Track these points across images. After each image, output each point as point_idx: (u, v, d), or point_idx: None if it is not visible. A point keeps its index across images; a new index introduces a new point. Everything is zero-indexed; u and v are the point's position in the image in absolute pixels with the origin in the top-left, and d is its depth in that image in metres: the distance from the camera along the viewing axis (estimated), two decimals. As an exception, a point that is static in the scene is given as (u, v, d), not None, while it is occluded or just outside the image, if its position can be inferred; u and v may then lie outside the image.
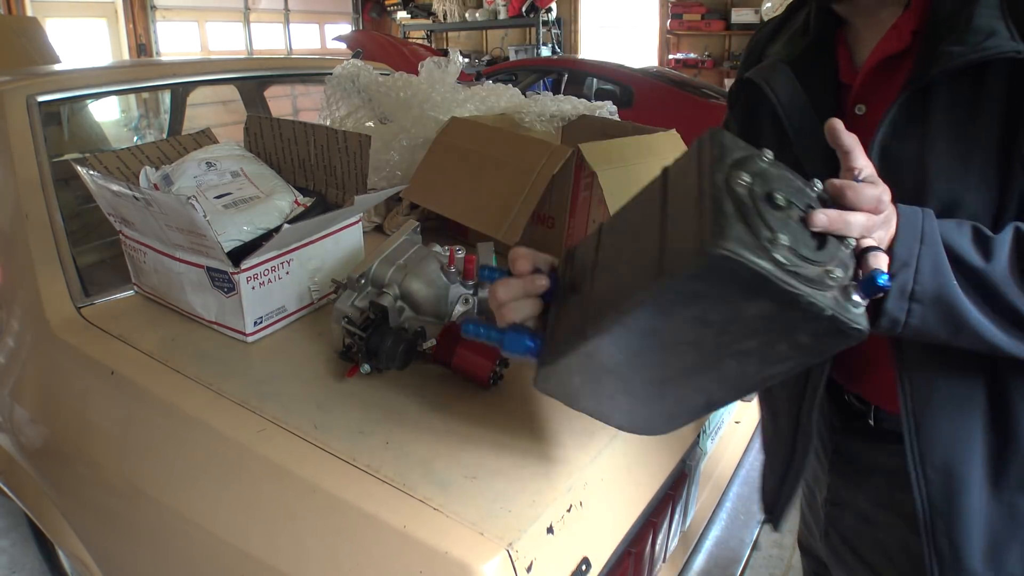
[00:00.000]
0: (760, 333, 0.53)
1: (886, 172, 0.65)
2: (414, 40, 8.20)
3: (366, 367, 0.90)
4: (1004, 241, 0.62)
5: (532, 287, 0.68)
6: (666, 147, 1.42)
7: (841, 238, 0.55)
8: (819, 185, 0.57)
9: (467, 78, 4.41)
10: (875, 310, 0.62)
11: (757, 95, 0.82)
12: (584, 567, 0.76)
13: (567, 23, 8.85)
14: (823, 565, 0.99)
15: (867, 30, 0.76)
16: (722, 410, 1.20)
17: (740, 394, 0.63)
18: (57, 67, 1.92)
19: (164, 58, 6.88)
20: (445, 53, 2.07)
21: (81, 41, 6.83)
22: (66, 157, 1.61)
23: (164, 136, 2.39)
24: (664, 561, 1.02)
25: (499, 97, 1.80)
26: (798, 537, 1.12)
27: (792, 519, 2.08)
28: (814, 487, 0.97)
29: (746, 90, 0.86)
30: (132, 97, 2.49)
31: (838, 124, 0.60)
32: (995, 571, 0.74)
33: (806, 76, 0.79)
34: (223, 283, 1.04)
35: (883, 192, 0.60)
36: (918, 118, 0.69)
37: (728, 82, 6.50)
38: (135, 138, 2.44)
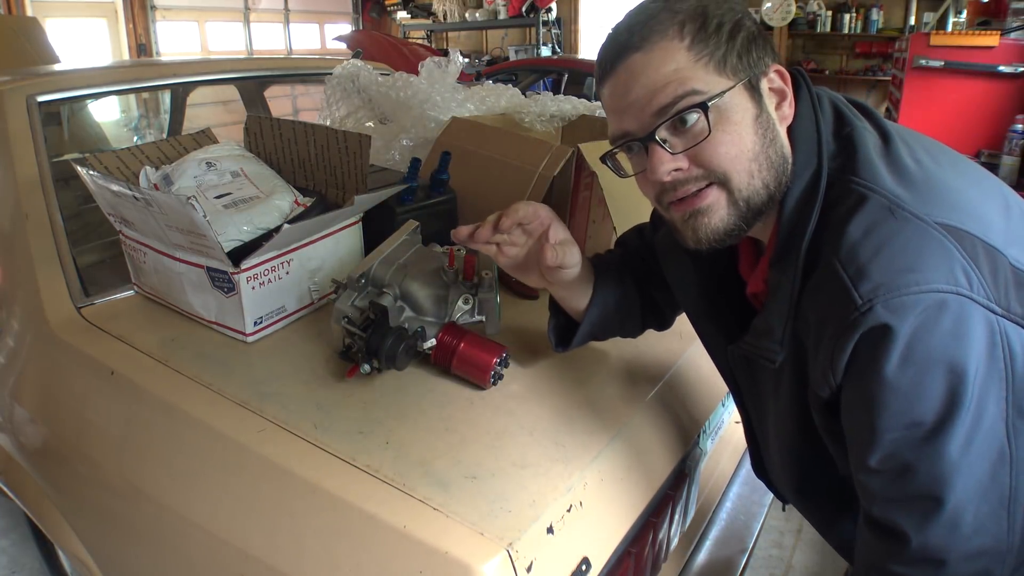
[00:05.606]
0: None
1: None
2: (414, 40, 8.19)
3: (366, 367, 0.90)
4: None
5: None
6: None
7: None
8: None
9: (467, 78, 4.40)
10: None
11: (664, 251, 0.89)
12: (584, 567, 0.76)
13: (567, 23, 8.85)
14: None
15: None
16: (722, 410, 1.20)
17: None
18: (57, 67, 1.92)
19: (164, 58, 6.88)
20: (445, 53, 2.06)
21: (81, 41, 6.83)
22: (66, 157, 1.60)
23: (164, 136, 2.39)
24: (664, 561, 1.02)
25: (499, 97, 1.79)
26: None
27: (791, 517, 2.05)
28: None
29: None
30: (132, 97, 2.49)
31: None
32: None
33: (704, 261, 0.81)
34: (223, 283, 1.04)
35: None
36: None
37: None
38: (135, 138, 2.43)
